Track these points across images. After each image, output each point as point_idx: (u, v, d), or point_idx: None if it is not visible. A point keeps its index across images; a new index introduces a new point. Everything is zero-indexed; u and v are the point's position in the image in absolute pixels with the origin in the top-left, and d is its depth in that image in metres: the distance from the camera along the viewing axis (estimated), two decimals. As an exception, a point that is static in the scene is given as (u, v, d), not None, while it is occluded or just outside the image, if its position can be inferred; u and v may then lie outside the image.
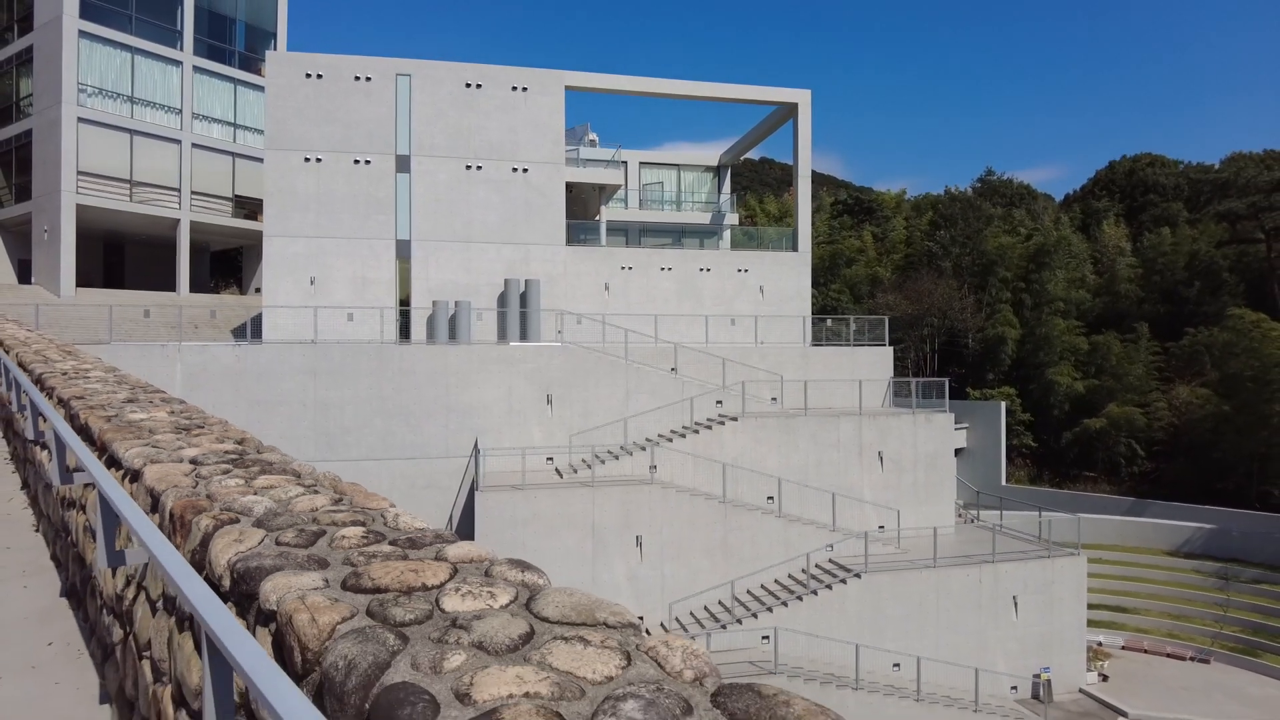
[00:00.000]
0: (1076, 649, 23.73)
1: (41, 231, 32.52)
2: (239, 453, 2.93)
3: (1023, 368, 51.49)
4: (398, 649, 1.33)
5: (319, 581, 1.62)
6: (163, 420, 3.69)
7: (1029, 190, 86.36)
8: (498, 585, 1.63)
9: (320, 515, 2.13)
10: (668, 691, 1.19)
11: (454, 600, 1.55)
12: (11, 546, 4.62)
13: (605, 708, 1.14)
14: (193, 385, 22.36)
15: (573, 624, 1.47)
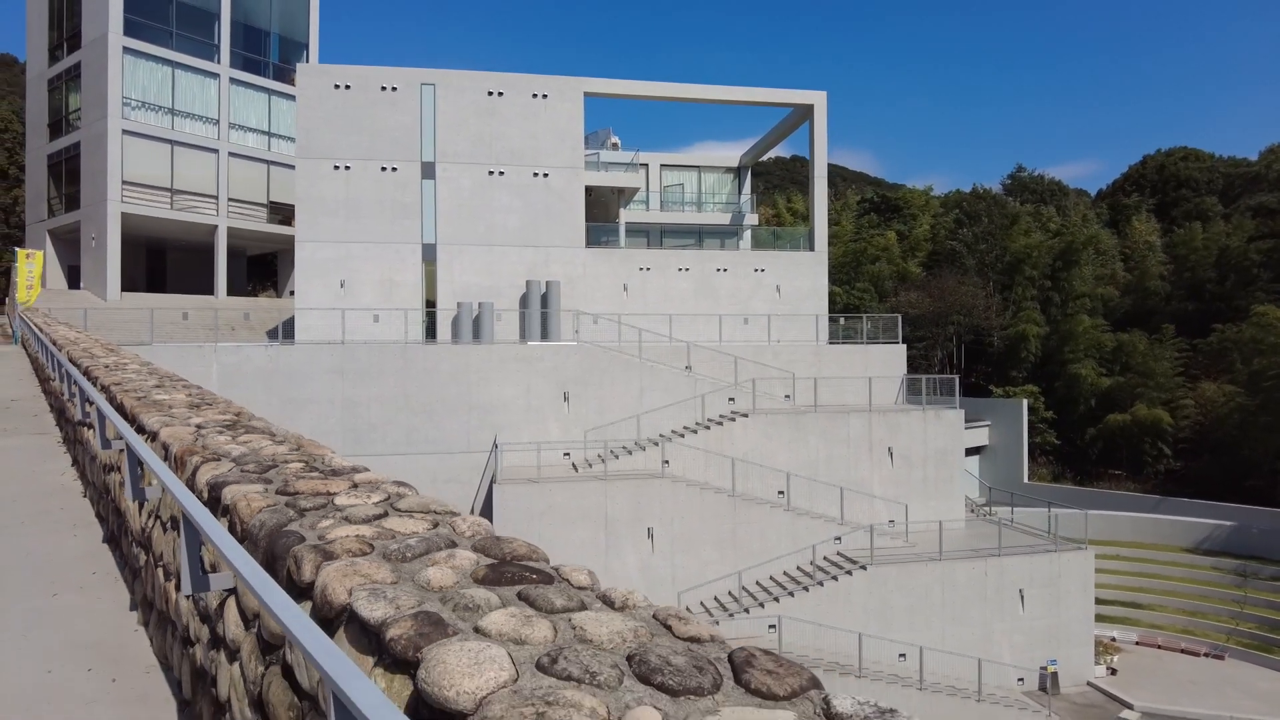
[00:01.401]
0: (1084, 642, 24.02)
1: (89, 239, 34.24)
2: (233, 420, 3.82)
3: (1047, 365, 51.33)
4: (295, 518, 2.17)
5: (260, 488, 2.47)
6: (180, 400, 4.62)
7: (1060, 186, 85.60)
8: (377, 493, 2.46)
9: (278, 457, 2.99)
10: (445, 538, 2.01)
11: (343, 498, 2.39)
12: (65, 507, 5.59)
13: (399, 540, 1.96)
14: (228, 384, 23.58)
15: (414, 511, 2.29)
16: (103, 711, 2.89)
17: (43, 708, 2.90)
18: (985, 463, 43.18)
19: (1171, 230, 63.17)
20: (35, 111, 39.28)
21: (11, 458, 7.38)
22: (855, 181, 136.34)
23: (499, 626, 1.48)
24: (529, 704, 1.18)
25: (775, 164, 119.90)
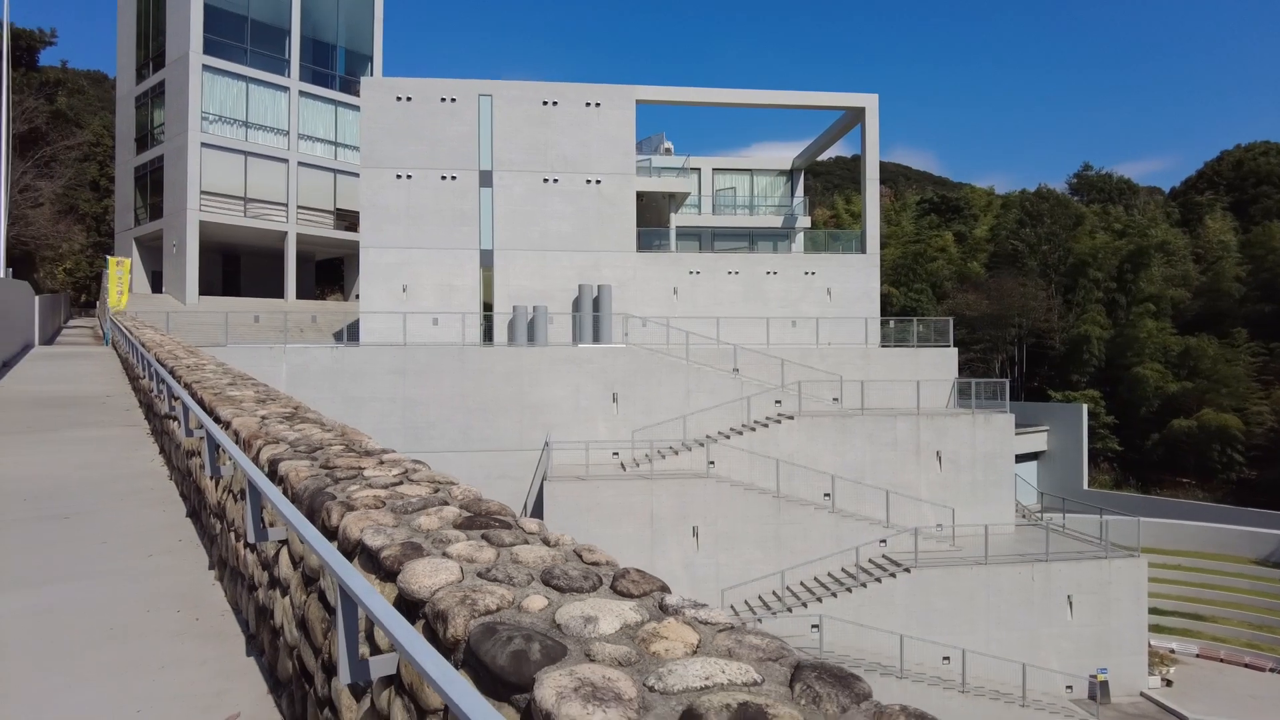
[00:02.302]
0: (1137, 652, 23.62)
1: (171, 246, 36.39)
2: (291, 412, 4.56)
3: (1111, 369, 50.08)
4: (330, 484, 2.84)
5: (307, 464, 3.16)
6: (249, 395, 5.41)
7: (1129, 185, 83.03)
8: (396, 468, 3.12)
9: (324, 441, 3.69)
10: (440, 499, 2.65)
11: (370, 471, 3.06)
12: (154, 488, 6.47)
13: (404, 500, 2.61)
14: (296, 383, 24.94)
15: (422, 481, 2.94)
16: (190, 642, 3.63)
17: (146, 638, 3.65)
18: (1043, 468, 42.43)
19: (1249, 229, 60.82)
20: (124, 127, 41.85)
21: (109, 446, 8.37)
22: (917, 181, 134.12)
23: (459, 551, 2.10)
24: (462, 592, 1.80)
25: (835, 164, 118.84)
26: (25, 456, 7.81)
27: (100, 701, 3.07)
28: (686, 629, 1.61)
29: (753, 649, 1.54)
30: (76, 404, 11.60)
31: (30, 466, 7.36)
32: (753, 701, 1.30)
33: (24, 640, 3.64)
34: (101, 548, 5.04)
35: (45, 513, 5.84)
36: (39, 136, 38.61)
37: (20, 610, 4.01)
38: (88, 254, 49.21)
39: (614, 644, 1.55)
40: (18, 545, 5.08)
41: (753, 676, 1.41)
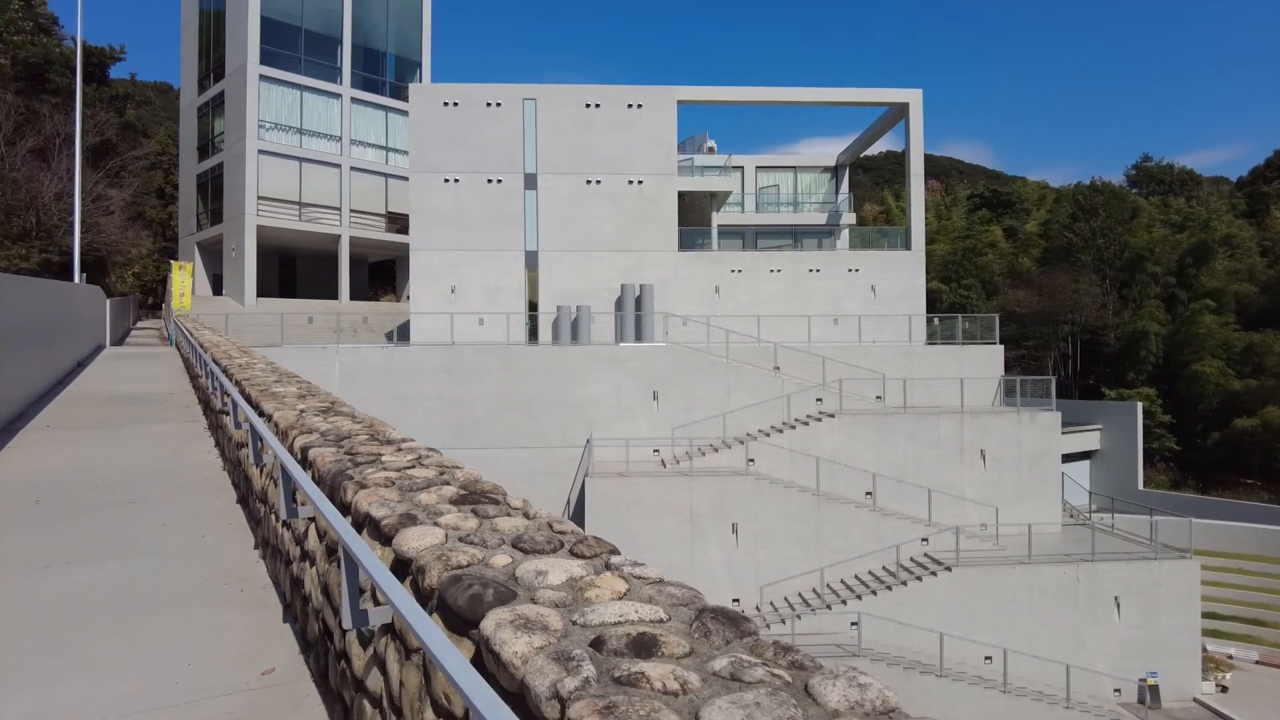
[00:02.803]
0: (1189, 656, 23.08)
1: (230, 250, 37.85)
2: (327, 407, 5.01)
3: (1169, 367, 48.62)
4: (350, 467, 3.23)
5: (333, 450, 3.56)
6: (291, 392, 5.89)
7: (1191, 176, 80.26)
8: (411, 454, 3.50)
9: (352, 431, 4.10)
10: (443, 480, 3.01)
11: (388, 457, 3.44)
12: (209, 478, 7.03)
13: (411, 480, 2.98)
14: (348, 382, 25.83)
15: (430, 465, 3.31)
16: (234, 610, 4.08)
17: (198, 606, 4.13)
18: (1096, 467, 41.46)
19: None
20: (186, 136, 43.63)
21: (170, 440, 9.02)
22: (970, 175, 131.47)
23: (447, 521, 2.45)
24: (442, 551, 2.15)
25: (886, 158, 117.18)
26: (97, 449, 8.48)
27: (160, 657, 3.54)
28: (619, 581, 1.93)
29: (669, 596, 1.85)
30: (142, 401, 12.39)
31: (102, 458, 8.01)
32: (650, 632, 1.62)
33: (100, 606, 4.17)
34: (162, 530, 5.57)
35: (115, 499, 6.42)
36: (110, 148, 40.52)
37: (96, 581, 4.54)
38: (154, 258, 51.39)
39: (556, 591, 1.88)
40: (93, 527, 5.65)
41: (660, 615, 1.73)
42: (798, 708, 1.32)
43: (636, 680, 1.41)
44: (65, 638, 3.73)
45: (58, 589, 4.40)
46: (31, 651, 3.57)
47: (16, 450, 8.33)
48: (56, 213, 32.40)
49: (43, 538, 5.38)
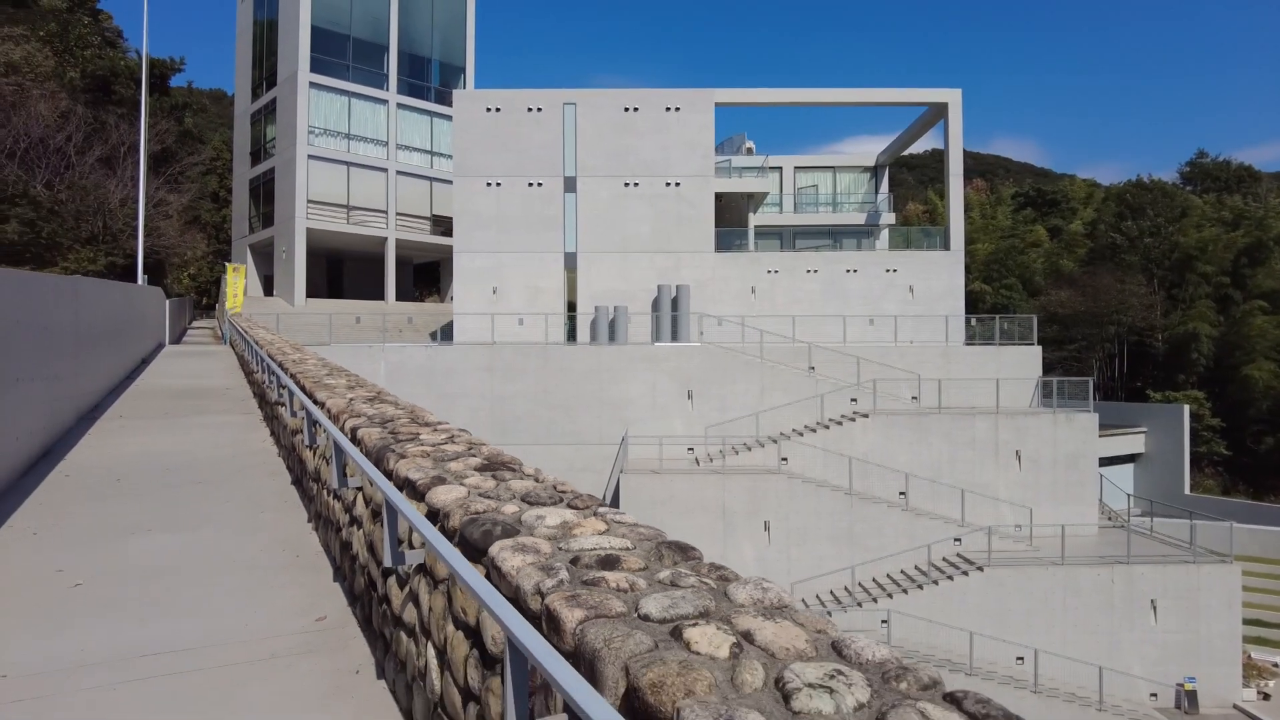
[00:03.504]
0: (1230, 662, 22.75)
1: (281, 252, 39.23)
2: (373, 396, 5.61)
3: (1220, 369, 47.54)
4: (393, 443, 3.79)
5: (378, 430, 4.13)
6: (341, 383, 6.52)
7: (1249, 172, 77.97)
8: (444, 434, 4.05)
9: (396, 416, 4.67)
10: (469, 453, 3.55)
11: (425, 435, 4.00)
12: (265, 463, 7.72)
13: (444, 452, 3.53)
14: (393, 380, 26.71)
15: (459, 441, 3.85)
16: (292, 572, 4.69)
17: (261, 569, 4.74)
18: (1141, 471, 40.80)
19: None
20: (240, 142, 45.28)
21: (229, 429, 9.77)
22: (1017, 174, 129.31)
23: (471, 482, 2.97)
24: (464, 503, 2.67)
25: (931, 157, 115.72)
26: (165, 438, 9.25)
27: (231, 606, 4.15)
28: (601, 523, 2.43)
29: (638, 534, 2.35)
30: (202, 395, 13.25)
31: (169, 445, 8.77)
32: (616, 554, 2.11)
33: (179, 566, 4.85)
34: (227, 505, 6.23)
35: (185, 480, 7.13)
36: (169, 155, 42.27)
37: (176, 547, 5.23)
38: (208, 260, 53.37)
39: (549, 529, 2.38)
40: (167, 503, 6.35)
41: (627, 545, 2.22)
42: (712, 600, 1.80)
43: (598, 582, 1.91)
44: (153, 589, 4.38)
45: (143, 551, 5.07)
46: (127, 598, 4.22)
47: (97, 437, 9.15)
48: (121, 218, 34.01)
49: (126, 510, 6.08)
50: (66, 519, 5.80)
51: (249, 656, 3.49)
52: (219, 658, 3.48)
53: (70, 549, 5.08)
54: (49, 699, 3.12)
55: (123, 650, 3.57)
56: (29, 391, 7.03)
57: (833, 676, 1.43)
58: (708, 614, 1.73)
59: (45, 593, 4.30)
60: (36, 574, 4.60)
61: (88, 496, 6.48)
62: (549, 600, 1.81)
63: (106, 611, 4.05)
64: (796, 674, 1.43)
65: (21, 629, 3.82)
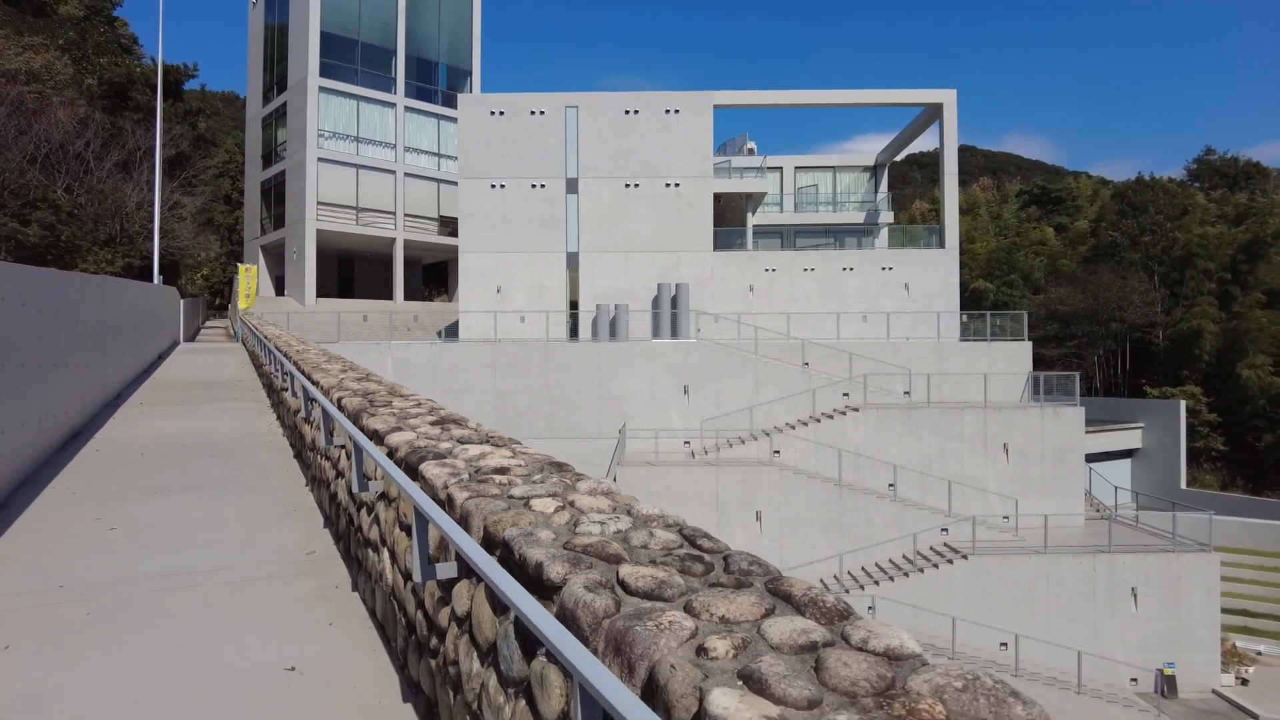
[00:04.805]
0: (1208, 649, 23.36)
1: (291, 253, 40.27)
2: (362, 376, 6.48)
3: (1221, 365, 47.91)
4: (369, 408, 4.65)
5: (360, 400, 4.99)
6: (336, 368, 7.41)
7: (1258, 169, 77.91)
8: (413, 401, 4.90)
9: (377, 390, 5.53)
10: (429, 413, 4.41)
11: (397, 403, 4.86)
12: (272, 442, 8.64)
13: (409, 415, 4.39)
14: (400, 376, 27.63)
15: (430, 408, 4.71)
16: (289, 521, 5.57)
17: (264, 519, 5.62)
18: (1138, 466, 41.26)
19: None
20: (252, 145, 46.38)
21: (239, 415, 10.69)
22: (1027, 171, 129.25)
23: (421, 429, 3.81)
24: (412, 442, 3.50)
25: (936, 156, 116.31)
26: (182, 421, 10.17)
27: (239, 545, 5.05)
28: (509, 451, 3.26)
29: (534, 458, 3.17)
30: (216, 386, 14.19)
31: (186, 427, 9.68)
32: (509, 466, 2.94)
33: (195, 518, 5.79)
34: (236, 474, 7.13)
35: (200, 454, 8.05)
36: (184, 159, 43.43)
37: (192, 503, 6.18)
38: (221, 261, 54.57)
39: (469, 456, 3.21)
40: (185, 470, 7.29)
41: (520, 464, 3.04)
42: (560, 489, 2.62)
43: (487, 480, 2.74)
44: (174, 532, 5.28)
45: (164, 506, 5.98)
46: (153, 538, 5.11)
47: (120, 420, 10.08)
48: (138, 220, 35.14)
49: (149, 477, 6.99)
50: (99, 483, 6.71)
51: (252, 576, 4.35)
52: (229, 577, 4.34)
53: (104, 505, 5.98)
54: (97, 600, 4.00)
55: (151, 572, 4.44)
56: (64, 377, 7.93)
57: (609, 519, 2.25)
58: (553, 494, 2.55)
59: (87, 534, 5.20)
60: (79, 522, 5.51)
61: (116, 466, 7.39)
62: (449, 490, 2.65)
63: (137, 547, 4.94)
64: (588, 517, 2.26)
65: (72, 557, 4.72)
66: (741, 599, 1.67)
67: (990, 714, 1.26)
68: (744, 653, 1.44)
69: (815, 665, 1.40)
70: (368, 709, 2.99)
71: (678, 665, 1.37)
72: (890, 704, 1.27)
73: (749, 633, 1.53)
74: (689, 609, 1.63)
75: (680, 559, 1.94)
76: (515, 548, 2.07)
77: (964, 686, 1.34)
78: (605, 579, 1.82)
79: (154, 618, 3.84)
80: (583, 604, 1.69)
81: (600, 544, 2.02)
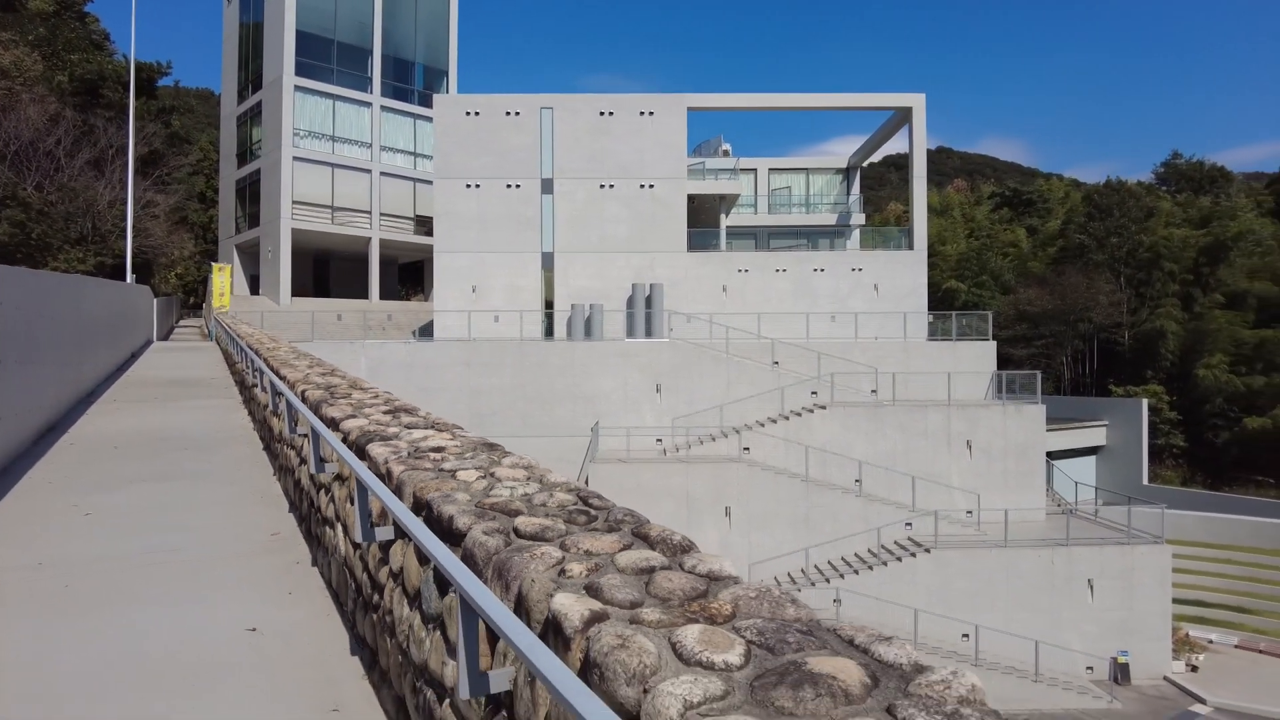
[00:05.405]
0: (1160, 637, 24.17)
1: (266, 252, 40.26)
2: (328, 371, 6.85)
3: (1184, 365, 49.16)
4: (329, 399, 5.04)
5: (322, 391, 5.37)
6: (304, 364, 7.77)
7: (1222, 173, 79.71)
8: (370, 393, 5.28)
9: (340, 384, 5.90)
10: (384, 404, 4.80)
11: (355, 394, 5.23)
12: (244, 436, 8.98)
13: (365, 404, 4.78)
14: (374, 375, 27.78)
15: (386, 400, 5.09)
16: (258, 506, 5.94)
17: (235, 503, 5.99)
18: (1103, 463, 42.22)
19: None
20: (226, 143, 46.25)
21: (212, 411, 11.00)
22: (1003, 173, 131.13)
23: (373, 416, 4.20)
24: (364, 427, 3.89)
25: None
26: (155, 417, 10.45)
27: (209, 527, 5.42)
28: (450, 435, 3.66)
29: (470, 440, 3.57)
30: (189, 384, 14.44)
31: (159, 422, 9.98)
32: (445, 447, 3.34)
33: (169, 504, 6.17)
34: (208, 465, 7.47)
35: (176, 447, 8.40)
36: (157, 157, 43.22)
37: (165, 491, 6.56)
38: (195, 260, 54.27)
39: (412, 438, 3.61)
40: (159, 462, 7.65)
41: (456, 444, 3.45)
42: (488, 465, 3.03)
43: (423, 457, 3.14)
44: (147, 516, 5.65)
45: (138, 494, 6.34)
46: (128, 521, 5.46)
47: (94, 416, 10.35)
48: (110, 219, 35.01)
49: (123, 468, 7.32)
50: (75, 473, 7.03)
51: (220, 555, 4.72)
52: (199, 554, 4.71)
53: (80, 493, 6.32)
54: (74, 576, 4.35)
55: (126, 550, 4.79)
56: (40, 373, 8.21)
57: (520, 485, 2.67)
58: (479, 468, 2.96)
59: (64, 519, 5.54)
60: (56, 508, 5.85)
61: (91, 458, 7.70)
62: (389, 464, 3.05)
63: (112, 530, 5.29)
64: (503, 484, 2.67)
65: (50, 539, 5.08)
66: (606, 538, 2.09)
67: (768, 612, 1.68)
68: (595, 574, 1.86)
69: (647, 581, 1.82)
70: (320, 662, 3.38)
71: (537, 579, 1.79)
72: (691, 604, 1.69)
73: (604, 561, 1.95)
74: (562, 545, 2.05)
75: (569, 512, 2.35)
76: (434, 506, 2.48)
77: (756, 596, 1.76)
78: (503, 527, 2.23)
79: (128, 591, 4.19)
80: (479, 544, 2.10)
81: (505, 503, 2.43)
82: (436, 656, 2.29)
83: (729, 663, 1.41)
